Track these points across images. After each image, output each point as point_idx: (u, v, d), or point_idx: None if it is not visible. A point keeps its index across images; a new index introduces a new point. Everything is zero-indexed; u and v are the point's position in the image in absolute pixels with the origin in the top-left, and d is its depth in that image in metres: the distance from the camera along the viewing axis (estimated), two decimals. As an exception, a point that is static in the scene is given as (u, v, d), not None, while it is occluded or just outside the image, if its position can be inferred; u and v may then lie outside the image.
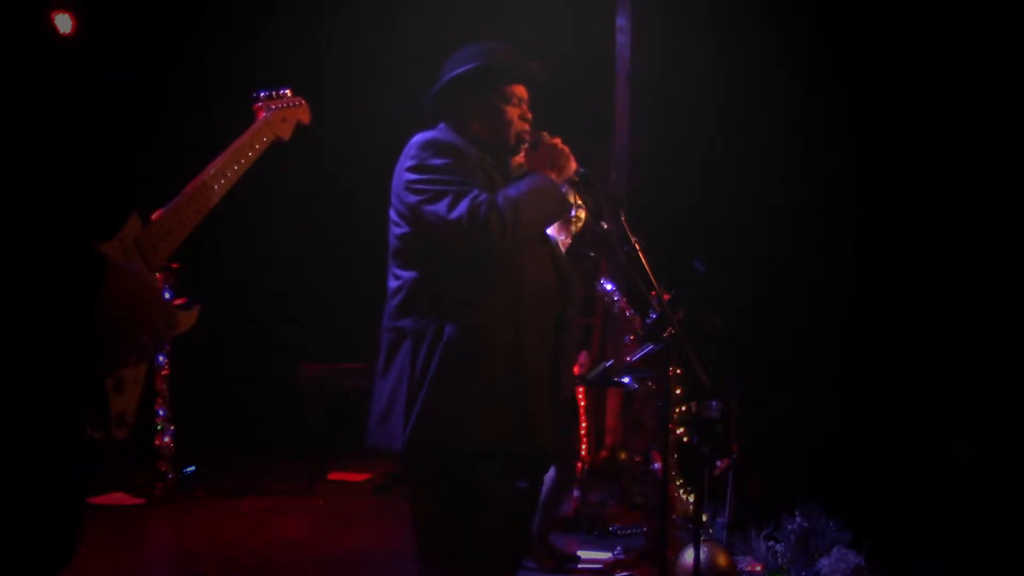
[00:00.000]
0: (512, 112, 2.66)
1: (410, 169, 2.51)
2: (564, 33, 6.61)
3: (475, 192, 2.43)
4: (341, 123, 7.13)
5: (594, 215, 2.85)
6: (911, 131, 6.29)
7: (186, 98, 6.90)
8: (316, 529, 5.42)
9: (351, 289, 7.26)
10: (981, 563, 4.61)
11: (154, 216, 2.02)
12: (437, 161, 2.50)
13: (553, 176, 2.59)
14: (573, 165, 2.64)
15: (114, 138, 1.89)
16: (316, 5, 7.29)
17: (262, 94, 2.44)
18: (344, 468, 6.80)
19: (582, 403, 5.45)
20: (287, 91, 2.49)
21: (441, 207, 2.42)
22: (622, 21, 6.84)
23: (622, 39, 6.84)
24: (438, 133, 2.60)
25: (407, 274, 2.52)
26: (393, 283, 2.56)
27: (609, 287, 4.80)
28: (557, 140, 2.64)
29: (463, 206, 2.40)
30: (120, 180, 1.90)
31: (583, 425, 5.49)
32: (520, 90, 2.69)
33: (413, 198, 2.48)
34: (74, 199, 1.75)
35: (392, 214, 2.58)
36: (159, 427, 6.11)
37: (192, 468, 6.33)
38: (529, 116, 2.70)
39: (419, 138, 2.57)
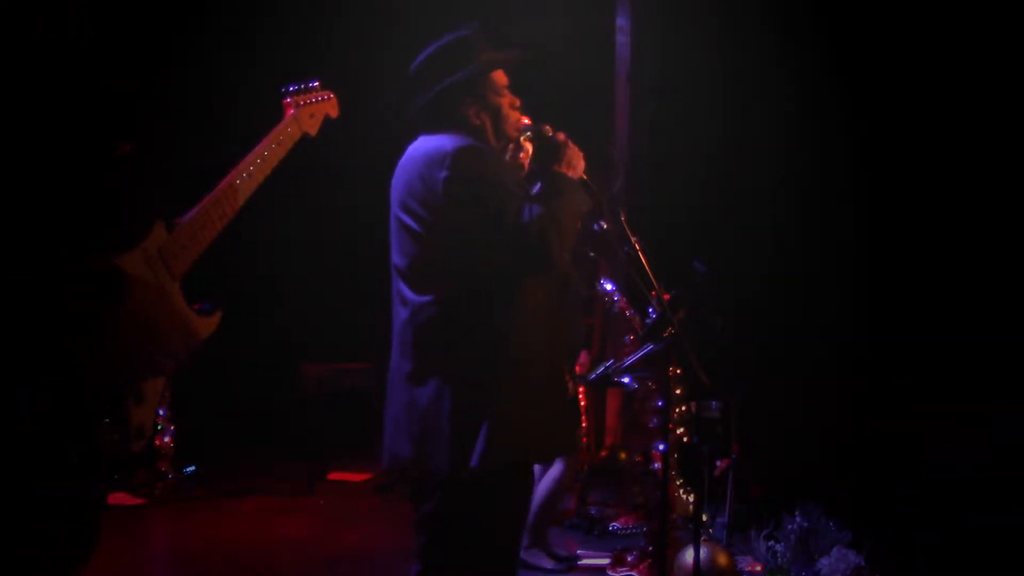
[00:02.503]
0: (506, 104, 2.60)
1: (450, 180, 2.38)
2: (564, 33, 6.61)
3: (527, 207, 2.36)
4: (342, 122, 7.12)
5: (589, 215, 2.86)
6: (911, 131, 6.29)
7: (213, 99, 6.89)
8: (316, 529, 5.42)
9: (351, 289, 7.26)
10: (981, 563, 4.61)
11: (181, 220, 2.00)
12: (478, 171, 2.39)
13: (570, 174, 2.53)
14: (583, 164, 2.58)
15: (138, 144, 1.88)
16: (317, 4, 7.29)
17: (292, 88, 2.38)
18: (344, 468, 6.80)
19: (582, 403, 5.45)
20: (316, 83, 2.44)
21: (499, 222, 2.34)
22: (622, 21, 6.83)
23: (622, 39, 6.84)
24: (464, 140, 2.46)
25: (438, 289, 2.41)
26: (417, 297, 2.44)
27: (609, 287, 4.80)
28: (562, 135, 2.58)
29: (524, 221, 2.33)
30: (144, 187, 1.89)
31: (583, 425, 5.49)
32: (503, 77, 2.63)
33: (458, 212, 2.37)
34: (96, 210, 1.73)
35: (410, 220, 2.45)
36: (159, 427, 6.11)
37: (192, 468, 6.33)
38: (517, 103, 2.63)
39: (449, 146, 2.43)
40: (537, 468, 4.57)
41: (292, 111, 2.32)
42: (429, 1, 6.28)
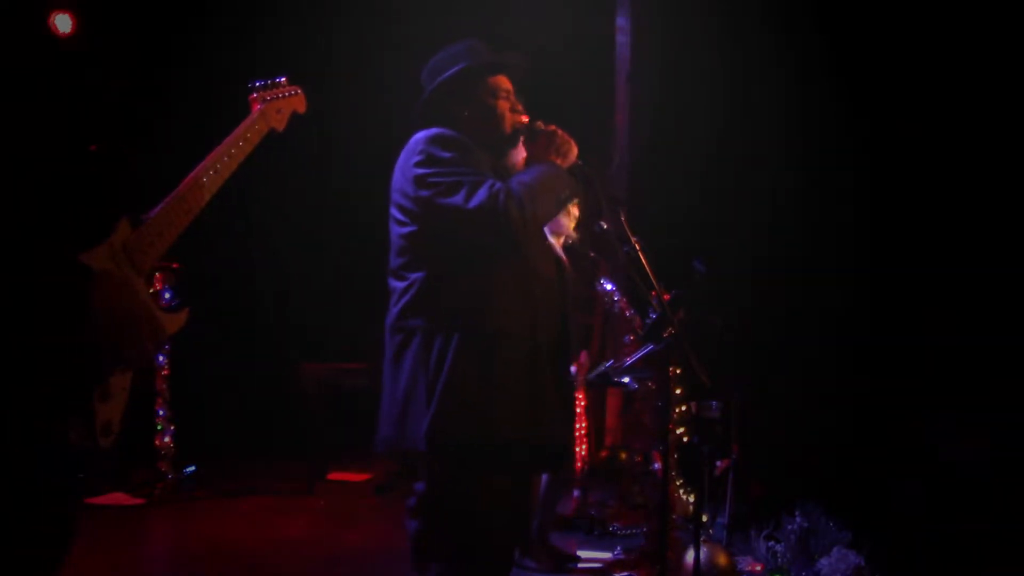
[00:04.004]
0: (503, 106, 2.66)
1: (419, 164, 2.47)
2: (564, 33, 6.62)
3: (490, 181, 2.42)
4: (341, 122, 7.13)
5: (589, 209, 2.87)
6: (911, 131, 6.28)
7: (181, 98, 6.89)
8: (316, 529, 5.42)
9: (351, 289, 7.26)
10: (981, 564, 4.61)
11: (146, 216, 2.00)
12: (447, 154, 2.47)
13: (559, 162, 2.58)
14: (575, 150, 2.62)
15: (104, 141, 1.89)
16: (316, 3, 7.28)
17: (258, 84, 2.40)
18: (344, 468, 6.80)
19: (582, 403, 5.45)
20: (283, 79, 2.46)
21: (458, 198, 2.39)
22: (622, 21, 6.84)
23: (622, 39, 6.84)
24: (441, 129, 2.55)
25: (415, 274, 2.48)
26: (399, 283, 2.52)
27: (609, 287, 4.80)
28: (553, 127, 2.62)
29: (481, 195, 2.38)
30: (111, 184, 1.90)
31: (583, 425, 5.48)
32: (505, 82, 2.68)
33: (425, 193, 2.44)
34: (61, 205, 1.74)
35: (396, 213, 2.54)
36: (159, 427, 6.11)
37: (192, 468, 6.33)
38: (519, 107, 2.69)
39: (423, 134, 2.53)
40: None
41: (259, 106, 2.33)
42: (429, 1, 6.29)
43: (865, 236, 6.47)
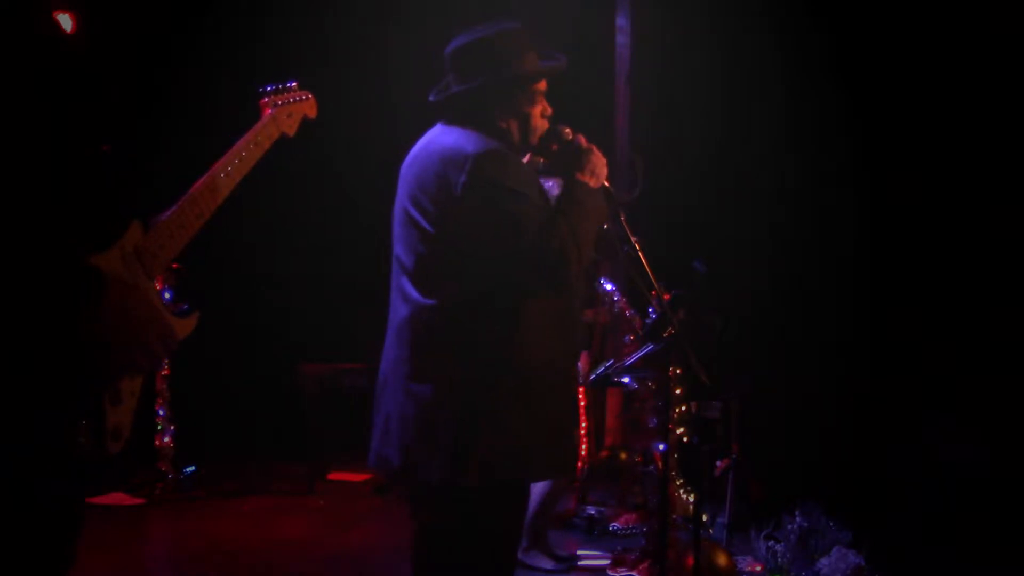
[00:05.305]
0: (536, 112, 2.52)
1: (469, 186, 2.28)
2: (564, 33, 6.61)
3: (547, 220, 2.30)
4: (342, 122, 7.12)
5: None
6: (911, 131, 6.28)
7: (190, 99, 6.89)
8: (316, 529, 5.42)
9: (351, 289, 7.25)
10: (981, 563, 4.61)
11: (158, 219, 1.99)
12: (500, 178, 2.30)
13: (592, 183, 2.45)
14: (606, 171, 2.50)
15: (116, 142, 1.88)
16: (318, 3, 7.28)
17: (268, 88, 2.36)
18: (344, 468, 6.80)
19: (582, 403, 5.45)
20: (294, 84, 2.41)
21: (516, 238, 2.26)
22: (622, 21, 6.84)
23: (622, 39, 6.84)
24: (487, 143, 2.36)
25: (442, 289, 2.33)
26: (421, 296, 2.36)
27: (609, 287, 4.80)
28: (583, 139, 2.51)
29: (544, 241, 2.26)
30: (122, 186, 1.88)
31: (583, 425, 5.48)
32: (543, 85, 2.54)
33: (475, 219, 2.29)
34: (72, 208, 1.73)
35: (421, 219, 2.36)
36: (159, 427, 6.10)
37: (192, 468, 6.32)
38: (549, 111, 2.55)
39: (470, 148, 2.33)
40: None
41: (270, 111, 2.30)
42: (428, 1, 6.28)
43: (865, 235, 6.48)
